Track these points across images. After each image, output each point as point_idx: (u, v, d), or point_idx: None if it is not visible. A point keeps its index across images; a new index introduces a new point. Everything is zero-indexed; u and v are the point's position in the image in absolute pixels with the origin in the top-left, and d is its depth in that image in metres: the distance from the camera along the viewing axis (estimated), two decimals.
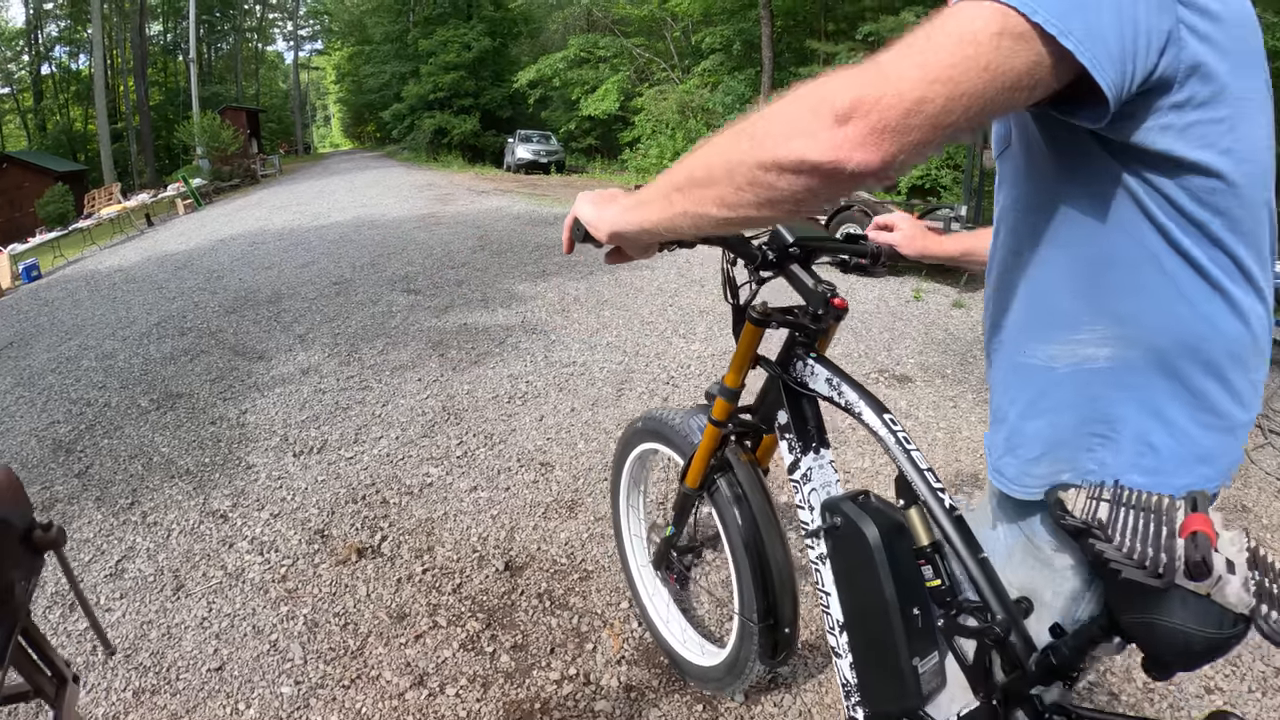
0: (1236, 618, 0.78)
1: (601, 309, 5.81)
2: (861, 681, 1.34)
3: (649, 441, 1.99)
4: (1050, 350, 1.02)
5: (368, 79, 33.77)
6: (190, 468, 3.29)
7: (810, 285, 1.37)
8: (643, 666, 2.11)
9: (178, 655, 2.12)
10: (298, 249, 8.33)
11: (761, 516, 1.65)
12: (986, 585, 1.11)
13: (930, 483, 1.20)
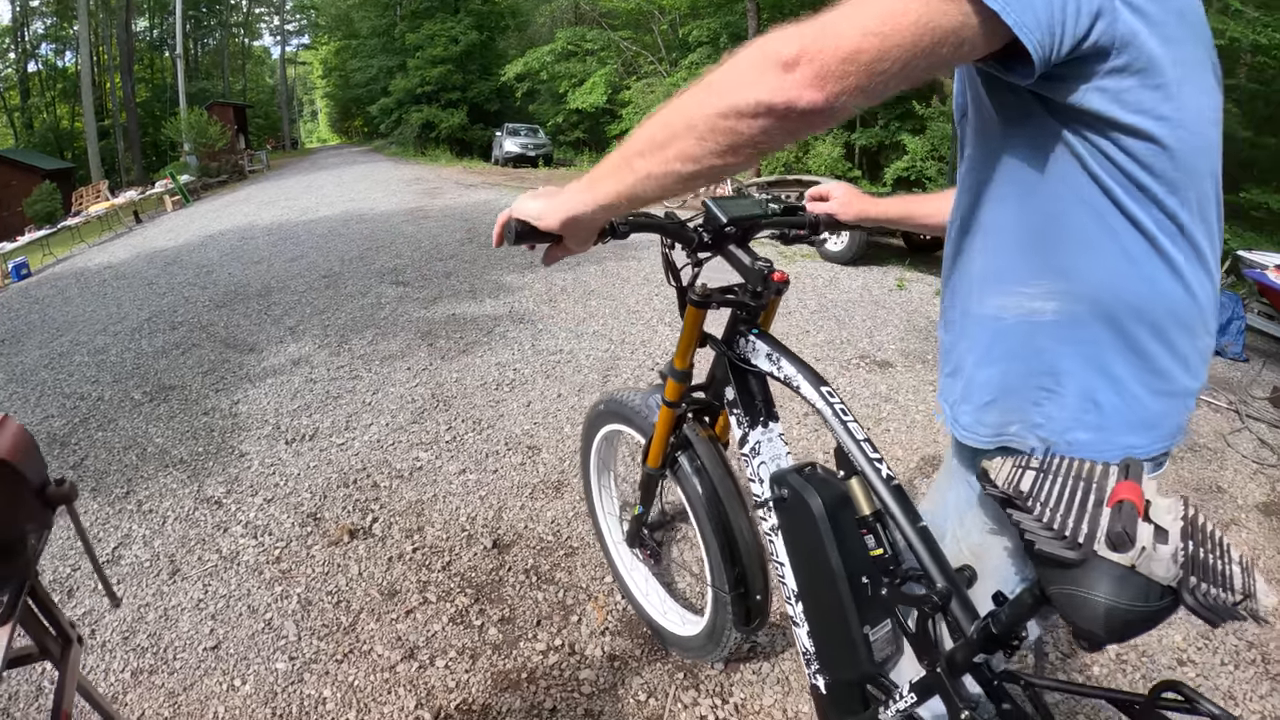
0: (1164, 590, 0.76)
1: (588, 299, 5.86)
2: (818, 650, 1.39)
3: (612, 423, 2.03)
4: (1000, 301, 1.06)
5: (355, 73, 33.53)
6: (184, 457, 3.33)
7: (748, 263, 1.39)
8: (626, 637, 2.18)
9: (174, 636, 2.18)
10: (287, 243, 8.34)
11: (724, 490, 1.69)
12: (926, 554, 1.13)
13: (867, 453, 1.22)
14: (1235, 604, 0.75)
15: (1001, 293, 1.06)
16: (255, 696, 1.94)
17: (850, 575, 1.26)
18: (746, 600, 1.69)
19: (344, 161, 24.96)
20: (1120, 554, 0.77)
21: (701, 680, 2.03)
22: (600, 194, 1.02)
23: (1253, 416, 4.20)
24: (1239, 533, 3.01)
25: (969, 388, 1.14)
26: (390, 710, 1.90)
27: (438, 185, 14.77)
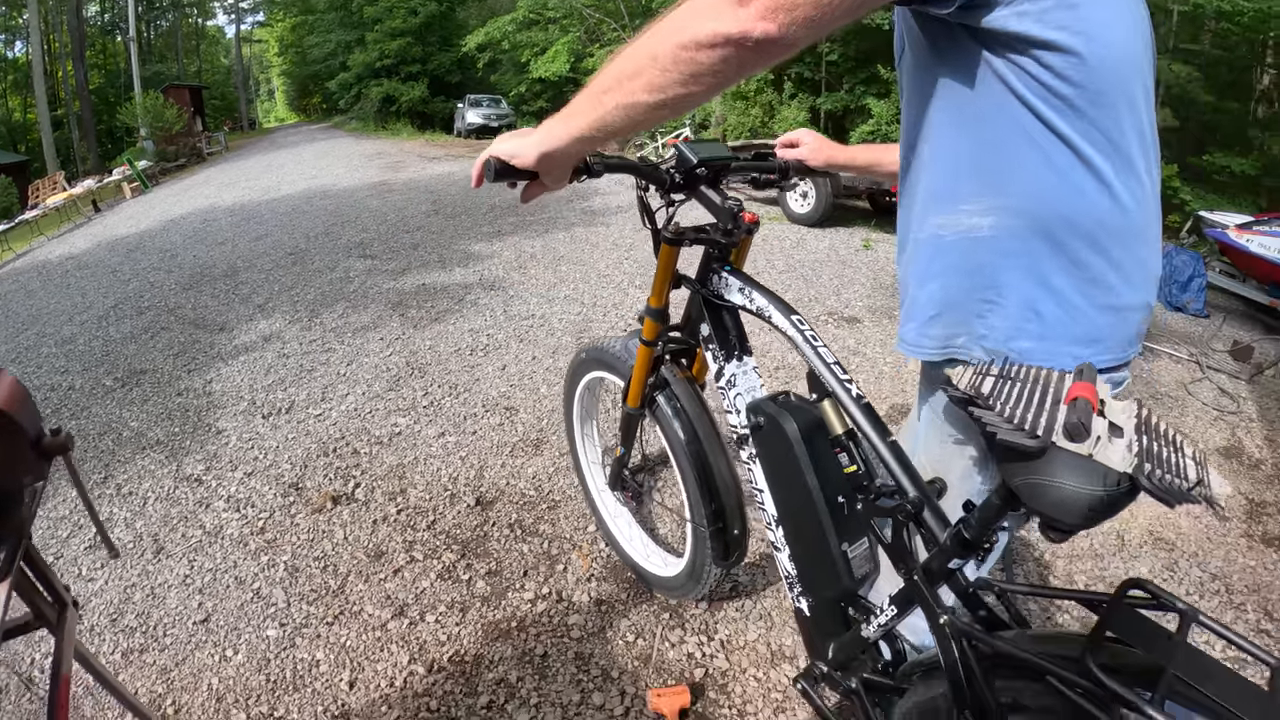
0: (1120, 477, 0.80)
1: (558, 264, 5.82)
2: (800, 571, 1.42)
3: (593, 370, 2.05)
4: (940, 220, 1.10)
5: (312, 49, 32.40)
6: (161, 438, 3.28)
7: (719, 202, 1.42)
8: (611, 582, 2.20)
9: (163, 613, 2.16)
10: (250, 223, 8.17)
11: (701, 426, 1.71)
12: (897, 466, 1.16)
13: (838, 375, 1.25)
14: (1190, 489, 0.78)
15: (940, 213, 1.10)
16: (248, 665, 1.94)
17: (826, 495, 1.29)
18: (725, 535, 1.73)
19: (304, 139, 24.39)
20: (1077, 444, 0.80)
21: (687, 619, 2.06)
22: (573, 128, 1.05)
23: (1213, 368, 4.32)
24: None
25: (913, 306, 1.18)
26: (383, 667, 1.91)
27: (400, 159, 14.51)
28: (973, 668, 1.02)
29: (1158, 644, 0.91)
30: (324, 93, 34.93)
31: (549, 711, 1.78)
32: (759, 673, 1.91)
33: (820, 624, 1.41)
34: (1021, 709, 1.00)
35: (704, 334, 1.56)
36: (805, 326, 1.31)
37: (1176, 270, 5.87)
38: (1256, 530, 2.71)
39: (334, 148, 19.21)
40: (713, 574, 1.85)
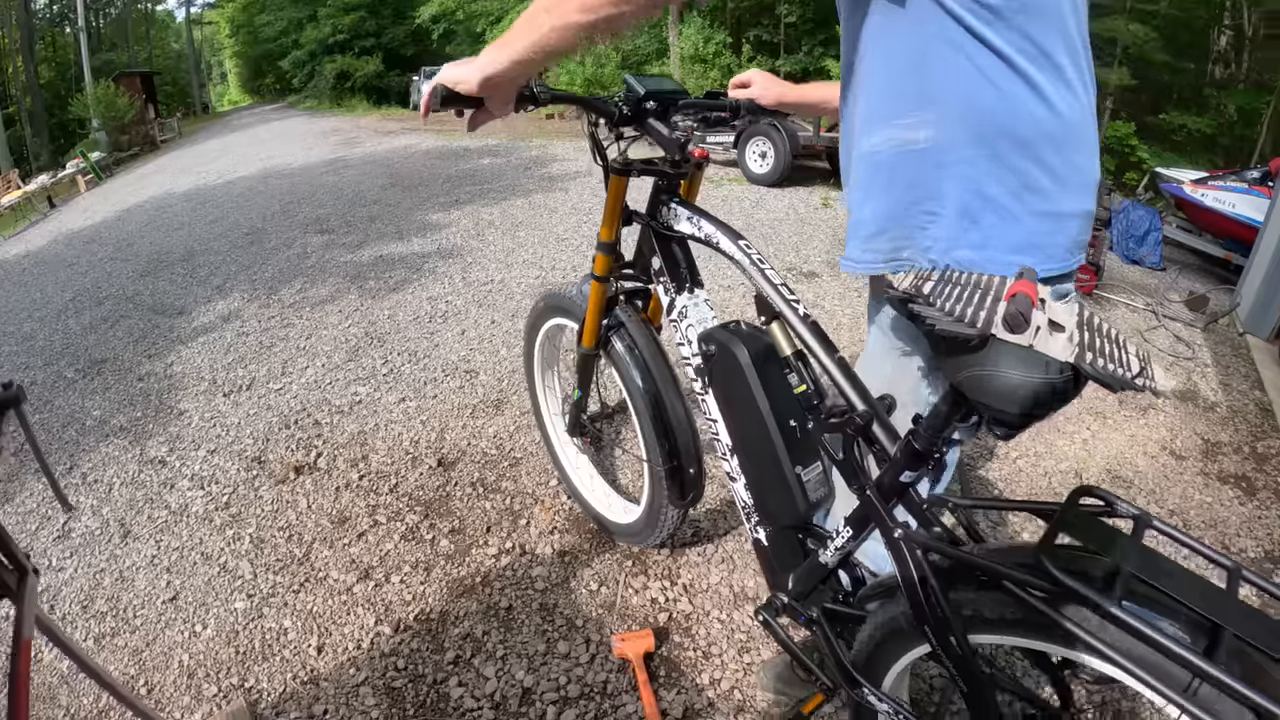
0: (1062, 365, 0.79)
1: (516, 230, 5.71)
2: (755, 499, 1.39)
3: (552, 318, 1.99)
4: (876, 138, 1.08)
5: (263, 28, 31.12)
6: (124, 424, 3.18)
7: (666, 134, 1.38)
8: (574, 534, 2.18)
9: (132, 596, 2.09)
10: (206, 207, 7.89)
11: (655, 365, 1.68)
12: (845, 381, 1.14)
13: (785, 295, 1.23)
14: (1132, 378, 0.78)
15: (878, 130, 1.08)
16: (217, 639, 1.89)
17: (779, 419, 1.27)
18: (680, 474, 1.70)
19: (258, 120, 23.58)
20: (1017, 335, 0.80)
21: (650, 566, 2.05)
22: (511, 52, 1.08)
23: (1169, 316, 4.39)
24: (1156, 416, 3.12)
25: (857, 224, 1.16)
26: (350, 630, 1.88)
27: (356, 135, 14.11)
28: (930, 581, 1.00)
29: (1113, 546, 0.89)
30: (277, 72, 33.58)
31: (515, 663, 1.76)
32: (722, 614, 1.90)
33: (779, 554, 1.39)
34: (983, 621, 0.98)
35: (655, 267, 1.53)
36: (752, 250, 1.29)
37: (1133, 225, 5.89)
38: (1213, 468, 2.76)
39: (289, 127, 18.61)
40: (671, 516, 1.83)
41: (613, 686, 1.71)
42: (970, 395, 0.88)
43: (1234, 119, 14.61)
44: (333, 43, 26.30)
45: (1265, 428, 3.13)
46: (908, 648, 1.12)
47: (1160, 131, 13.64)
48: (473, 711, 1.65)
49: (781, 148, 7.50)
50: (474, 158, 9.87)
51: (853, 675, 1.19)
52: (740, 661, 1.77)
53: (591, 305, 1.70)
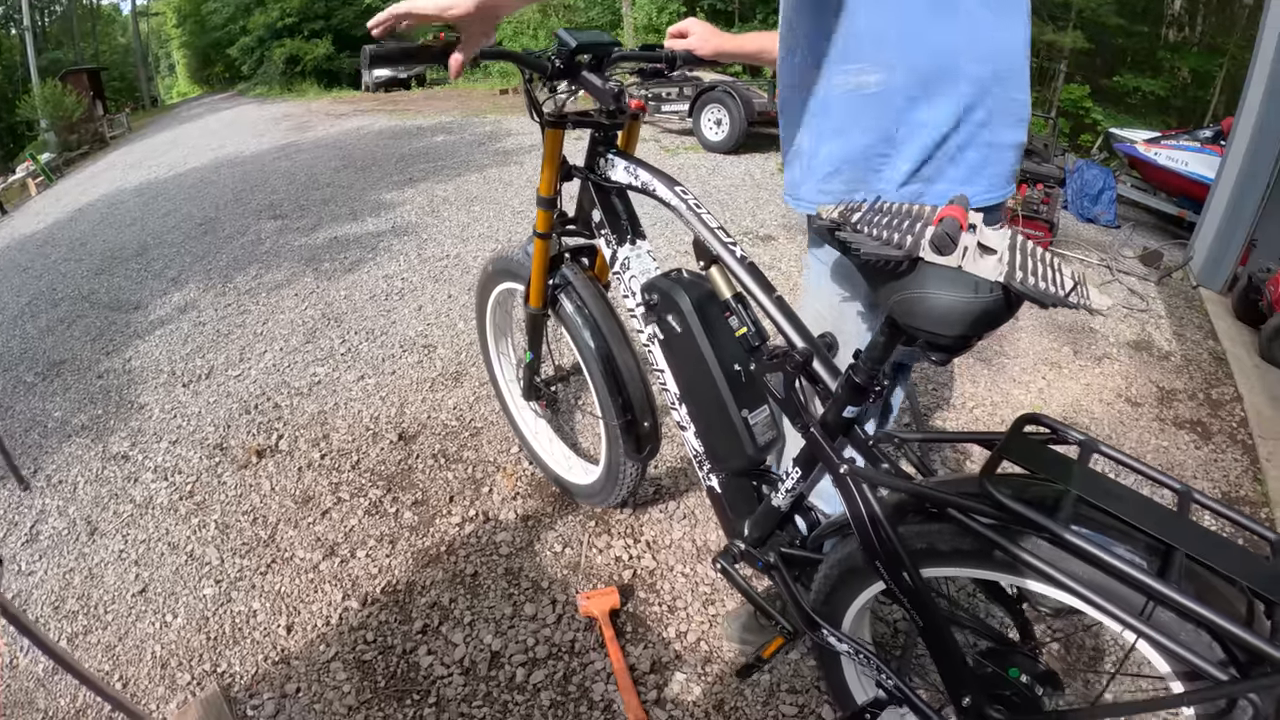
0: (992, 285, 0.77)
1: (471, 205, 5.57)
2: (706, 446, 1.37)
3: (501, 282, 1.93)
4: (831, 82, 1.07)
5: (210, 15, 29.46)
6: (85, 423, 3.06)
7: (600, 85, 1.33)
8: (536, 499, 2.15)
9: (102, 592, 2.02)
10: (158, 200, 7.57)
11: (604, 321, 1.64)
12: (784, 320, 1.12)
13: (722, 239, 1.20)
14: (1065, 295, 0.75)
15: (831, 75, 1.07)
16: (188, 627, 1.84)
17: (723, 363, 1.25)
18: (635, 427, 1.67)
19: (208, 111, 22.58)
20: (945, 256, 0.78)
21: (612, 525, 2.03)
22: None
23: (1124, 271, 4.42)
24: (1111, 365, 3.14)
25: (811, 163, 1.15)
26: (319, 607, 1.84)
27: (307, 119, 13.59)
28: (878, 516, 0.98)
29: (1058, 471, 0.87)
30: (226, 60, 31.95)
31: (483, 628, 1.74)
32: (686, 569, 1.89)
33: (733, 501, 1.37)
34: (935, 554, 0.95)
35: (595, 220, 1.49)
36: (689, 196, 1.26)
37: (1088, 184, 5.87)
38: (1168, 414, 2.79)
39: (239, 116, 17.87)
40: (630, 472, 1.80)
41: (580, 645, 1.69)
42: (901, 320, 0.85)
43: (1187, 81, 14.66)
44: (281, 27, 25.09)
45: (1219, 375, 3.17)
46: (863, 586, 1.10)
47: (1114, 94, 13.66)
48: (443, 679, 1.62)
49: (737, 115, 7.38)
50: (427, 136, 9.59)
51: (811, 617, 1.18)
52: (705, 613, 1.76)
53: (535, 264, 1.65)
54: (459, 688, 1.60)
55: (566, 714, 1.54)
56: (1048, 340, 3.37)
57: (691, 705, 1.55)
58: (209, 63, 37.34)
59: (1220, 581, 0.76)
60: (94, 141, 19.34)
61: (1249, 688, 0.70)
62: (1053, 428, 0.97)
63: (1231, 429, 2.72)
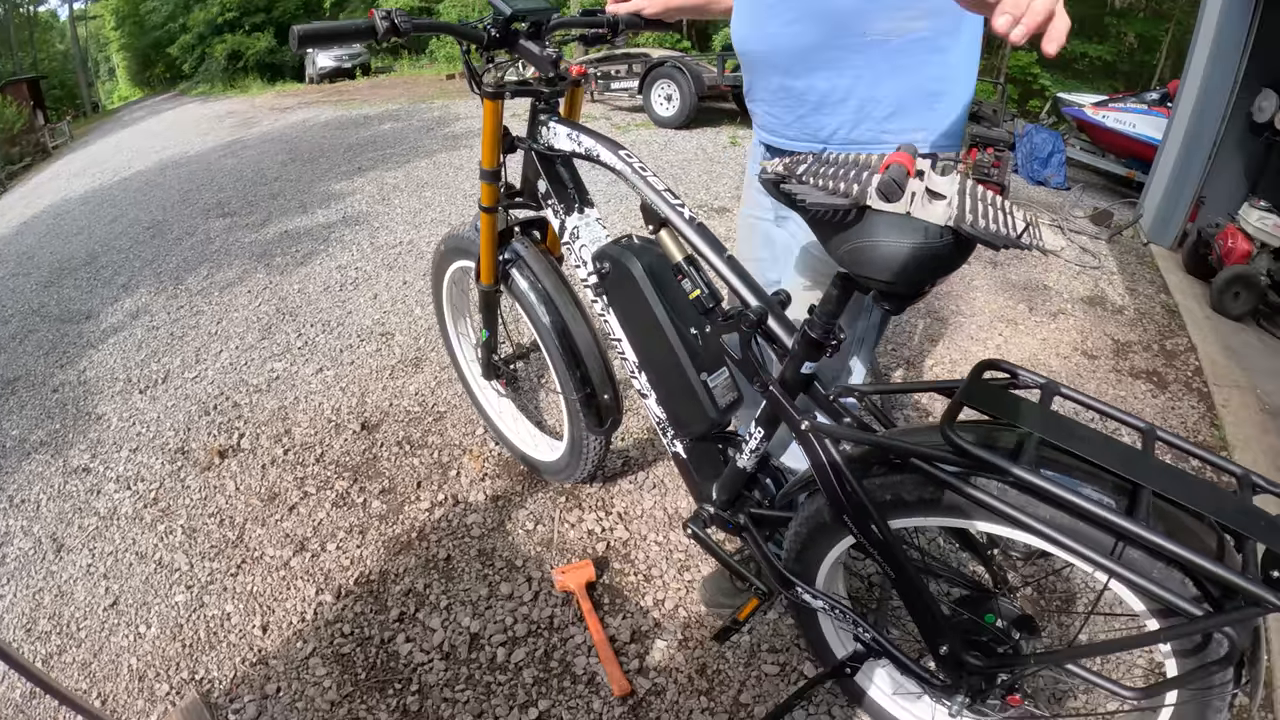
0: (941, 230, 0.74)
1: (422, 190, 5.39)
2: (668, 412, 1.32)
3: (454, 261, 1.84)
4: (884, 27, 1.04)
5: (149, 15, 27.84)
6: (43, 439, 2.90)
7: (538, 52, 1.26)
8: (505, 479, 2.08)
9: (73, 609, 1.92)
10: (104, 207, 7.20)
11: (558, 295, 1.57)
12: (737, 279, 1.09)
13: (669, 200, 1.15)
14: (1016, 236, 0.72)
15: (882, 20, 1.04)
16: (162, 636, 1.75)
17: (678, 328, 1.20)
18: (595, 400, 1.60)
19: (150, 113, 21.53)
20: (892, 204, 0.74)
21: (583, 499, 1.98)
22: None
23: (1075, 230, 4.43)
24: (1067, 320, 3.13)
25: (866, 105, 1.12)
26: (293, 604, 1.76)
27: (252, 115, 13.04)
28: (842, 470, 0.95)
29: (1019, 414, 0.84)
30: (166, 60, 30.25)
31: (460, 610, 1.68)
32: (659, 537, 1.85)
33: (699, 465, 1.34)
34: (902, 504, 0.93)
35: (541, 191, 1.42)
36: (633, 159, 1.21)
37: (1037, 148, 5.83)
38: (1124, 366, 2.81)
39: (182, 116, 17.08)
40: (593, 446, 1.74)
41: (559, 620, 1.65)
42: (851, 270, 0.82)
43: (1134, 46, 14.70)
44: (222, 22, 23.87)
45: (1172, 327, 3.20)
46: (834, 541, 1.08)
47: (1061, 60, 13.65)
48: (423, 665, 1.57)
49: (687, 90, 7.21)
50: (374, 124, 9.25)
51: (785, 576, 1.16)
52: (681, 580, 1.73)
53: (484, 239, 1.57)
54: (440, 673, 1.55)
55: (550, 690, 1.50)
56: (1003, 298, 3.37)
57: (674, 671, 1.52)
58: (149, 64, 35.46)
59: (1189, 518, 0.74)
60: (36, 152, 18.32)
61: (1223, 621, 0.70)
62: (1012, 372, 0.95)
63: (1187, 377, 2.76)
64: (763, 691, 1.47)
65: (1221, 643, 0.74)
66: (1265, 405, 2.60)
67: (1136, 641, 0.81)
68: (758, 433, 1.13)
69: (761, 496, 1.26)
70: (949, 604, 1.01)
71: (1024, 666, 0.95)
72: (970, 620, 0.99)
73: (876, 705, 1.27)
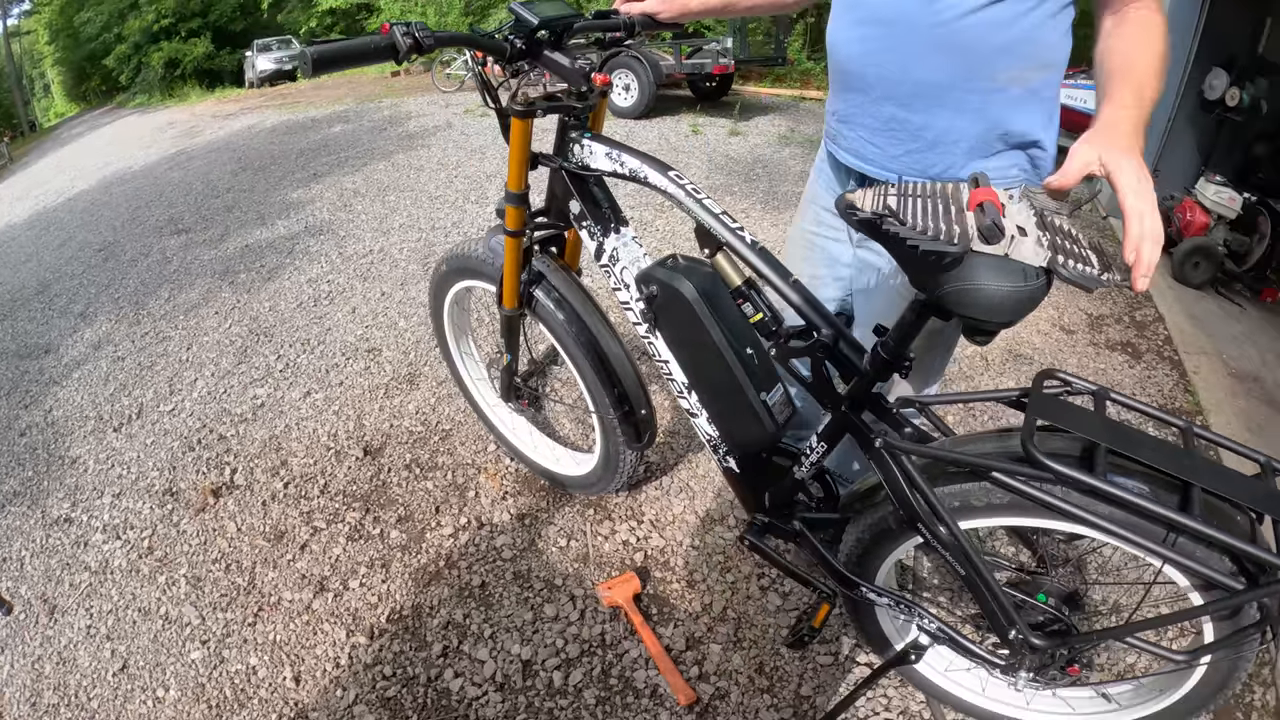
0: (1038, 270, 0.75)
1: (385, 195, 5.09)
2: (722, 430, 1.26)
3: (459, 281, 1.67)
4: (1011, 75, 1.01)
5: (84, 27, 25.85)
6: (16, 489, 2.60)
7: (569, 65, 1.13)
8: (527, 495, 1.93)
9: (79, 676, 1.70)
10: (51, 231, 6.65)
11: (586, 313, 1.44)
12: (805, 304, 1.03)
13: (728, 224, 1.07)
14: (1099, 275, 0.74)
15: (1014, 67, 1.01)
16: (184, 698, 1.56)
17: (736, 349, 1.13)
18: (633, 418, 1.49)
19: (89, 128, 20.14)
20: (993, 245, 0.75)
21: (612, 510, 1.85)
22: None
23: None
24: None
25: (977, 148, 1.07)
26: (324, 650, 1.60)
27: (194, 124, 12.25)
28: (916, 481, 0.96)
29: (1087, 426, 0.87)
30: (102, 73, 28.25)
31: (506, 638, 1.55)
32: (695, 541, 1.74)
33: (752, 478, 1.29)
34: (969, 509, 0.96)
35: (575, 212, 1.29)
36: (685, 180, 1.10)
37: None
38: (1100, 339, 2.80)
39: (122, 130, 16.01)
40: (629, 459, 1.63)
41: (610, 636, 1.54)
42: (955, 310, 0.81)
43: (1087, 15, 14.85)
44: (157, 29, 22.47)
45: (1139, 298, 3.20)
46: (898, 543, 1.09)
47: None
48: (478, 699, 1.44)
49: (645, 79, 6.94)
50: (323, 127, 8.75)
51: (847, 576, 1.16)
52: (725, 581, 1.64)
53: (508, 263, 1.42)
54: (497, 705, 1.42)
55: (615, 708, 1.40)
56: None
57: (734, 673, 1.46)
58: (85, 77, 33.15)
59: (1227, 506, 0.81)
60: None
61: (1260, 594, 0.78)
62: (1067, 381, 0.99)
63: (1158, 347, 2.77)
64: (821, 683, 1.45)
65: (1252, 610, 0.84)
66: (1231, 369, 2.67)
67: (1186, 615, 0.87)
68: (819, 446, 1.12)
69: (809, 502, 1.26)
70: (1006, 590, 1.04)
71: (1088, 641, 1.01)
72: (1025, 602, 1.05)
73: (931, 683, 1.31)
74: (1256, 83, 3.76)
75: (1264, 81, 3.75)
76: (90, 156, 12.23)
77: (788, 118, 7.40)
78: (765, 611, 1.58)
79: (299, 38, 20.71)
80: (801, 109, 8.06)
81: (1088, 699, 1.19)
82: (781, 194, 4.68)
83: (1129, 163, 0.76)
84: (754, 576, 1.67)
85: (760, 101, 8.55)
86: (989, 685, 1.26)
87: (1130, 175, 0.75)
